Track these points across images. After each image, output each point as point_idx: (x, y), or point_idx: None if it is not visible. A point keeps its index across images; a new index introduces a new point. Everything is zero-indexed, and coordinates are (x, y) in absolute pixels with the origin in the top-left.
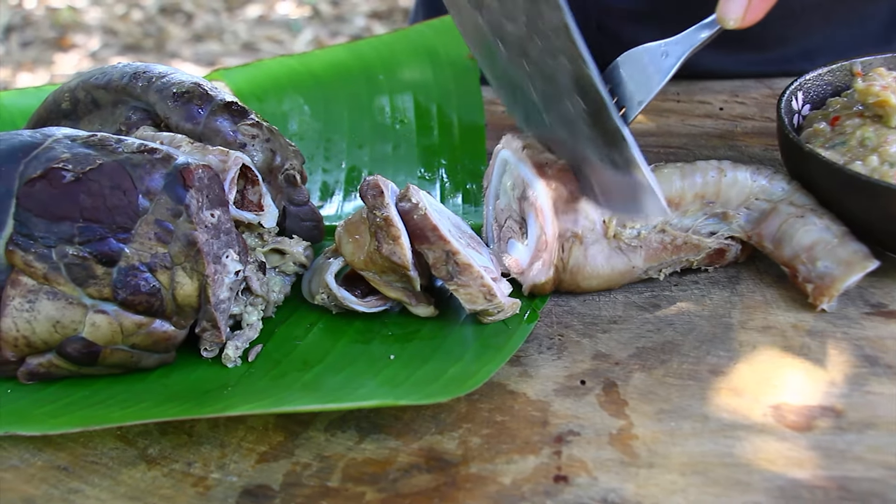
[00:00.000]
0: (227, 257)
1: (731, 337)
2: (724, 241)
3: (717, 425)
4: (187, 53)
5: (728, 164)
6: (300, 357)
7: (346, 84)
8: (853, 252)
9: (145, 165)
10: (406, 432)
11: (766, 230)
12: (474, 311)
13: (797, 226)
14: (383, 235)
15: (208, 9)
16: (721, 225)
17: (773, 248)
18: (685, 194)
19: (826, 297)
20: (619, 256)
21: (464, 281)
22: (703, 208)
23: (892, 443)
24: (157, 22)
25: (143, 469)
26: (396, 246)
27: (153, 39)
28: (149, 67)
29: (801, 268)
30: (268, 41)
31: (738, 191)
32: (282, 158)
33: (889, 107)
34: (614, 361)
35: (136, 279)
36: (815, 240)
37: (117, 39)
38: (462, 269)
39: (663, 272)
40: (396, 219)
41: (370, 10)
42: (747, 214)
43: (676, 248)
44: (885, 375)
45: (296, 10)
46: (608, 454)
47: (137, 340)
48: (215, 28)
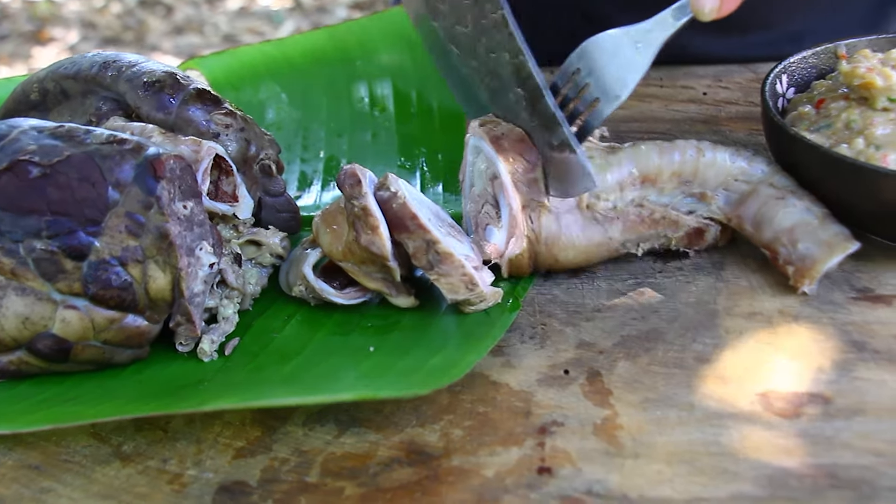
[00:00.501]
0: (200, 250)
1: (717, 324)
2: (703, 220)
3: (703, 414)
4: (167, 46)
5: (707, 145)
6: (278, 350)
7: (324, 71)
8: (834, 234)
9: (115, 157)
10: (386, 425)
11: (745, 212)
12: (455, 300)
13: (777, 207)
14: (361, 225)
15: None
16: (699, 205)
17: (754, 231)
18: (662, 171)
19: (807, 279)
20: (596, 227)
21: (445, 270)
22: (680, 186)
23: (880, 429)
24: (136, 14)
25: (117, 467)
26: (375, 236)
27: (133, 32)
28: (119, 56)
29: (781, 250)
30: (249, 33)
31: (717, 172)
32: (257, 148)
33: (874, 89)
34: (598, 350)
35: (106, 273)
36: (796, 221)
37: (96, 32)
38: (443, 259)
39: (641, 247)
40: (374, 208)
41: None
42: (726, 196)
43: (654, 222)
44: (872, 361)
45: (277, 2)
46: (592, 444)
47: (110, 336)
48: (195, 20)
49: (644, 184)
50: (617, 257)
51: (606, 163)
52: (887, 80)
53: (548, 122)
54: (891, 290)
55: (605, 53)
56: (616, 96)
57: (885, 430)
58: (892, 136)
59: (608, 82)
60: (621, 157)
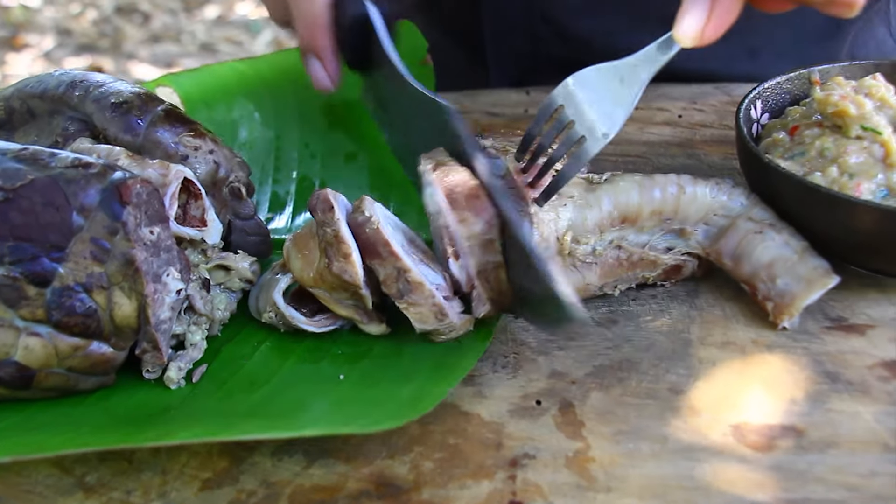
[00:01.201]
0: (167, 276)
1: (691, 353)
2: (680, 257)
3: (676, 446)
4: (144, 54)
5: (687, 180)
6: (247, 377)
7: (297, 90)
8: (813, 268)
9: (80, 181)
10: (355, 456)
11: (724, 247)
12: (424, 330)
13: (756, 242)
14: (333, 252)
15: (166, 9)
16: (678, 241)
17: (733, 265)
18: (642, 210)
19: (787, 315)
20: (573, 274)
21: (414, 300)
22: (660, 224)
23: (853, 462)
24: (112, 22)
25: (80, 498)
26: (347, 264)
27: (109, 39)
28: (86, 76)
29: (760, 286)
30: (226, 42)
31: (697, 207)
32: (226, 170)
33: (848, 117)
34: (571, 380)
35: (70, 300)
36: (775, 257)
37: (72, 39)
38: (413, 288)
39: (618, 288)
40: (347, 235)
41: None
42: (705, 230)
43: (632, 264)
44: (846, 392)
45: (255, 11)
46: (564, 478)
47: (74, 363)
48: (173, 28)
49: (623, 223)
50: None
51: (586, 203)
52: (860, 108)
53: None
54: (864, 319)
55: (590, 89)
56: (604, 134)
57: (859, 463)
58: (866, 164)
59: (594, 119)
60: (600, 196)
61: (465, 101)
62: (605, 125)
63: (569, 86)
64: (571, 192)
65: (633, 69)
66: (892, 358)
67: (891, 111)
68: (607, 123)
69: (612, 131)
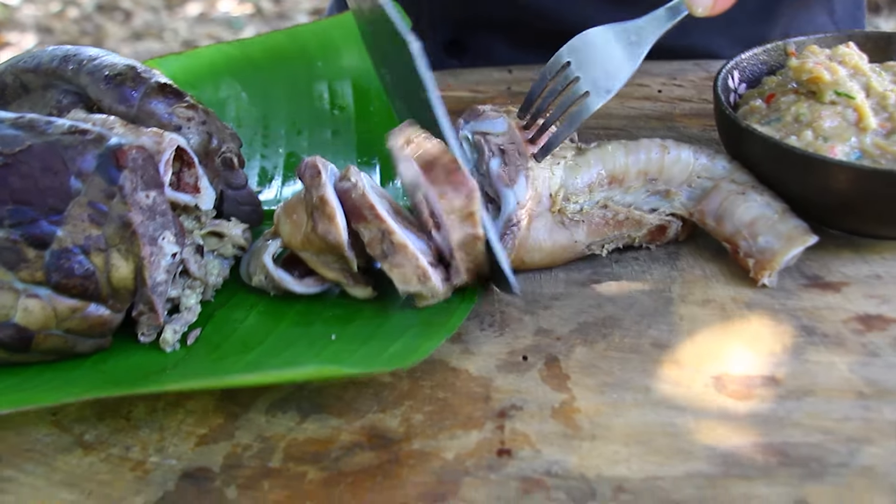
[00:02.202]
0: (163, 239)
1: (672, 311)
2: (665, 217)
3: (658, 396)
4: (126, 51)
5: (671, 143)
6: (240, 340)
7: (285, 70)
8: (793, 227)
9: (77, 146)
10: (348, 411)
11: (707, 207)
12: (407, 292)
13: (738, 202)
14: (319, 215)
15: (147, 6)
16: (663, 202)
17: (715, 225)
18: (629, 170)
19: (767, 271)
20: (562, 231)
21: (398, 261)
22: (645, 185)
23: (829, 409)
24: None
25: (79, 455)
26: (331, 225)
27: (90, 37)
28: (79, 50)
29: (742, 243)
30: (209, 39)
31: (681, 168)
32: (218, 141)
33: (822, 83)
34: (556, 337)
35: (69, 262)
36: (756, 215)
37: (53, 37)
38: (397, 249)
39: (605, 248)
40: (332, 198)
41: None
42: (689, 192)
43: (619, 223)
44: (821, 344)
45: (237, 8)
46: (551, 427)
47: (72, 325)
48: (155, 26)
49: (611, 184)
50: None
51: (576, 164)
52: (834, 74)
53: None
54: (839, 277)
55: (596, 48)
56: (607, 90)
57: (834, 409)
58: (839, 128)
59: (599, 76)
60: (589, 159)
61: (449, 79)
62: (608, 82)
63: (576, 44)
64: (564, 153)
65: (640, 30)
66: (865, 312)
67: (863, 78)
68: (611, 80)
69: (615, 88)
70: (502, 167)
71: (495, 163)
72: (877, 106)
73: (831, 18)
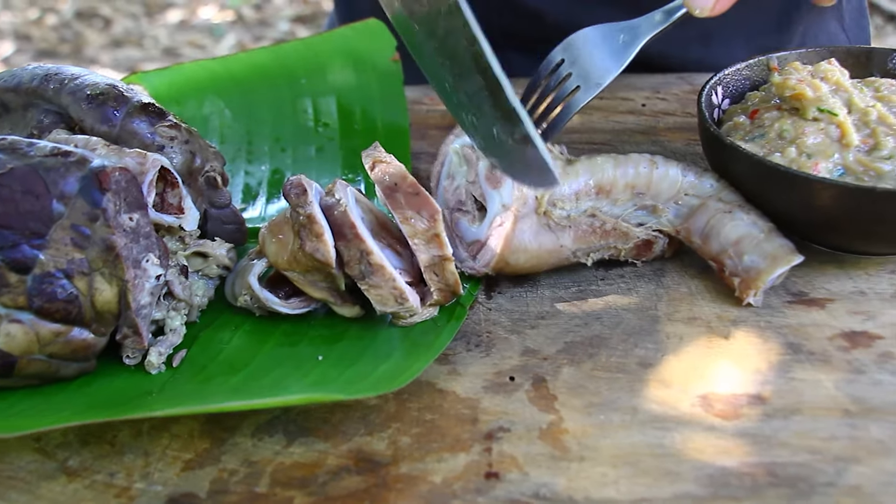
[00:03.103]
0: (147, 261)
1: (658, 329)
2: (651, 232)
3: (646, 417)
4: (106, 59)
5: (660, 159)
6: (226, 361)
7: (269, 87)
8: (779, 246)
9: (59, 169)
10: (334, 434)
11: (694, 225)
12: (385, 312)
13: (724, 221)
14: (307, 233)
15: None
16: (650, 217)
17: (701, 243)
18: (617, 182)
19: (752, 290)
20: (548, 234)
21: (375, 282)
22: (633, 198)
23: (816, 427)
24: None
25: (63, 482)
26: (320, 243)
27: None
28: (61, 69)
29: (728, 262)
30: (189, 46)
31: (669, 185)
32: (202, 160)
33: (805, 99)
34: (543, 357)
35: (51, 286)
36: (742, 234)
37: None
38: (374, 270)
39: (591, 257)
40: (320, 216)
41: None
42: (676, 209)
43: (605, 233)
44: (807, 362)
45: (218, 15)
46: (539, 449)
47: (55, 349)
48: (135, 33)
49: (598, 195)
50: (560, 266)
51: (564, 173)
52: (816, 91)
53: (508, 116)
54: (824, 293)
55: (590, 44)
56: (596, 84)
57: (821, 428)
58: (822, 144)
59: (590, 71)
60: (578, 169)
61: (433, 93)
62: (598, 76)
63: (568, 42)
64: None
65: (634, 29)
66: (850, 329)
67: (845, 94)
68: (600, 74)
69: (605, 81)
70: (489, 169)
71: (482, 165)
72: (858, 122)
73: (841, 25)
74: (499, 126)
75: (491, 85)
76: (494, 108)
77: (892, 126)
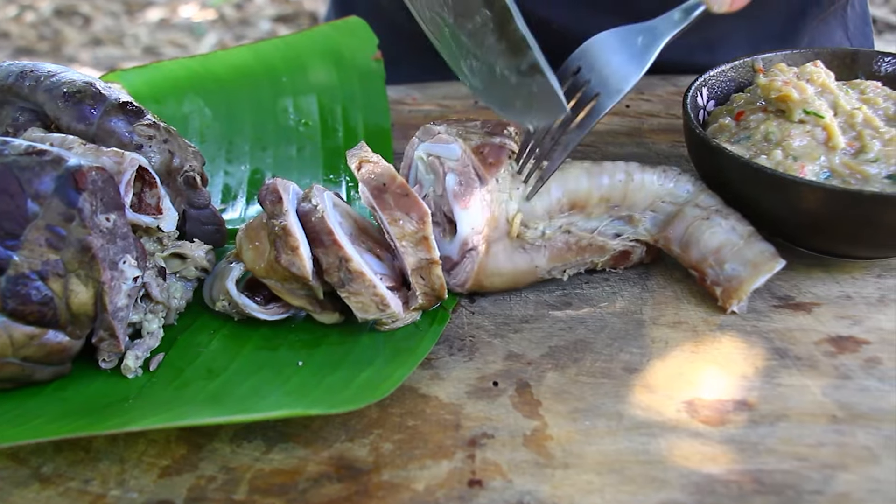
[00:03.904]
0: (124, 263)
1: (643, 333)
2: (628, 243)
3: (631, 423)
4: (85, 57)
5: (635, 168)
6: (204, 365)
7: (249, 86)
8: (760, 252)
9: (34, 168)
10: (315, 440)
11: (672, 234)
12: (366, 319)
13: (703, 228)
14: (282, 245)
15: (107, 11)
16: (627, 227)
17: (681, 252)
18: (591, 196)
19: (735, 299)
20: (522, 255)
21: (355, 289)
22: (608, 211)
23: (803, 434)
24: (52, 24)
25: (36, 489)
26: (295, 256)
27: (48, 42)
28: (37, 66)
29: (709, 271)
30: (170, 45)
31: (645, 195)
32: (180, 160)
33: (791, 101)
34: (527, 361)
35: (26, 288)
36: (722, 242)
37: (9, 42)
38: (354, 277)
39: (567, 272)
40: (295, 228)
41: (275, 13)
42: (653, 217)
43: (581, 248)
44: (794, 367)
45: (199, 14)
46: (523, 456)
47: (30, 353)
48: (115, 31)
49: (572, 210)
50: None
51: (534, 189)
52: (802, 93)
53: (516, 46)
54: (810, 297)
55: (608, 50)
56: (618, 90)
57: (808, 434)
58: (808, 147)
59: (609, 77)
60: (549, 183)
61: (415, 93)
62: (619, 82)
63: (585, 49)
64: (522, 177)
65: (652, 31)
66: (837, 334)
67: (831, 96)
68: (621, 80)
69: (626, 87)
70: (458, 185)
71: (451, 180)
72: (844, 125)
73: (846, 34)
74: (503, 60)
75: (499, 16)
76: (500, 40)
77: (878, 129)
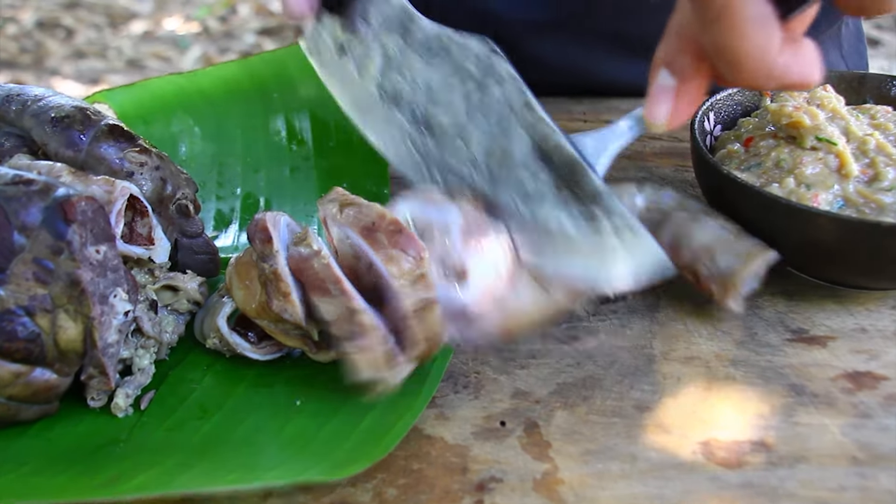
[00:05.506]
0: (114, 297)
1: (654, 369)
2: None
3: (645, 466)
4: (68, 70)
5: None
6: (197, 403)
7: (239, 103)
8: (752, 245)
9: (20, 198)
10: (316, 486)
11: (662, 238)
12: (371, 378)
13: (692, 227)
14: (273, 290)
15: (90, 24)
16: None
17: (672, 255)
18: None
19: (731, 292)
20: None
21: (366, 344)
22: None
23: (823, 476)
24: (34, 36)
25: None
26: (287, 303)
27: (30, 55)
28: (23, 90)
29: (702, 268)
30: (154, 58)
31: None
32: (173, 187)
33: (802, 128)
34: (535, 399)
35: (11, 324)
36: (713, 237)
37: None
38: (366, 331)
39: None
40: (285, 273)
41: (260, 26)
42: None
43: None
44: (812, 405)
45: (183, 26)
46: (533, 501)
47: (15, 391)
48: (98, 44)
49: None
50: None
51: None
52: (814, 119)
53: (590, 197)
54: (825, 330)
55: None
56: None
57: (828, 477)
58: (822, 175)
59: None
60: None
61: None
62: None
63: None
64: None
65: (602, 141)
66: (854, 369)
67: (842, 122)
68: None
69: None
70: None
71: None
72: (857, 151)
73: (840, 53)
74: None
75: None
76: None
77: (892, 155)
